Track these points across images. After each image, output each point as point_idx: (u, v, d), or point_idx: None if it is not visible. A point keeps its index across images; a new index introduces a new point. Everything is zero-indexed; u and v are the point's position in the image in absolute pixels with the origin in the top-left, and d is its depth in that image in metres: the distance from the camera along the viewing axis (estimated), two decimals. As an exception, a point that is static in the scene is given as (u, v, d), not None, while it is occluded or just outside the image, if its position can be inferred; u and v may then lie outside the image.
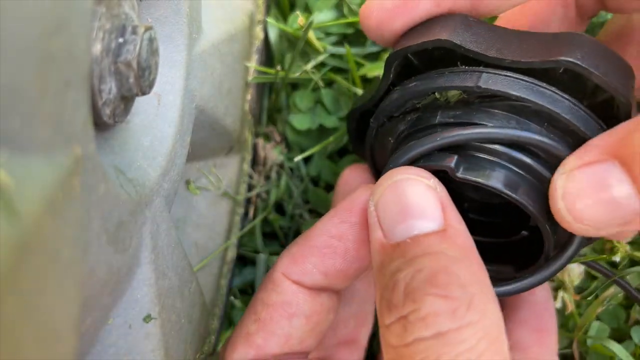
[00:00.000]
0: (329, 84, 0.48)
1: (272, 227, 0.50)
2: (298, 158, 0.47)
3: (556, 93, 0.29)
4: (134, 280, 0.31)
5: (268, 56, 0.50)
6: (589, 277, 0.44)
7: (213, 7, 0.41)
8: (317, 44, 0.45)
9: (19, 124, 0.19)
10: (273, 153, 0.49)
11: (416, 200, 0.28)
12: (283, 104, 0.50)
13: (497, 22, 0.39)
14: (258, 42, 0.47)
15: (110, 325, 0.30)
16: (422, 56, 0.33)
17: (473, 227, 0.35)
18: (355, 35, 0.47)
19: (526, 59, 0.29)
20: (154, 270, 0.32)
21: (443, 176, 0.31)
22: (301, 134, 0.48)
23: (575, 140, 0.29)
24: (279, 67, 0.46)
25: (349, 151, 0.48)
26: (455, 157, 0.30)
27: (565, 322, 0.45)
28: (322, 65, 0.47)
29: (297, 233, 0.50)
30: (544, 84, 0.29)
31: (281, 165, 0.49)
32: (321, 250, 0.33)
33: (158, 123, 0.34)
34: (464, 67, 0.31)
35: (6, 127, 0.19)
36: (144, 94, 0.30)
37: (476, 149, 0.30)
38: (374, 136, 0.36)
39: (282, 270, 0.33)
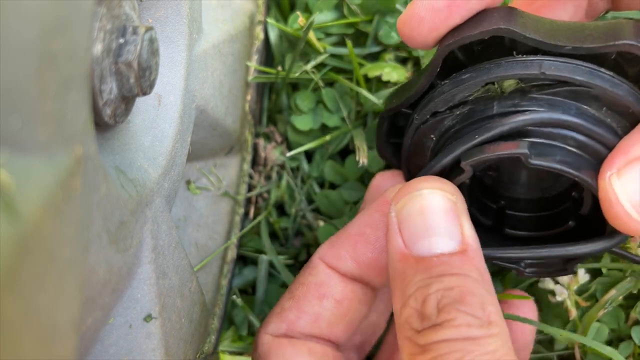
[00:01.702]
0: (330, 84, 0.48)
1: (272, 227, 0.50)
2: (292, 152, 0.47)
3: (614, 77, 0.30)
4: (135, 279, 0.31)
5: (268, 56, 0.50)
6: (591, 279, 0.44)
7: (213, 7, 0.41)
8: (317, 44, 0.46)
9: (20, 124, 0.19)
10: (273, 153, 0.49)
11: (440, 218, 0.30)
12: (284, 104, 0.50)
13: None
14: (258, 43, 0.47)
15: (111, 325, 0.30)
16: (467, 50, 0.33)
17: (513, 224, 0.35)
18: (355, 35, 0.47)
19: (586, 44, 0.29)
20: (155, 269, 0.32)
21: (476, 176, 0.31)
22: (303, 135, 0.48)
23: (632, 122, 0.30)
24: (279, 68, 0.46)
25: (352, 151, 0.48)
26: (527, 142, 0.30)
27: (566, 323, 0.45)
28: (322, 65, 0.47)
29: (299, 233, 0.50)
30: (602, 69, 0.30)
31: (282, 166, 0.49)
32: (354, 237, 0.34)
33: (159, 123, 0.34)
34: (521, 55, 0.31)
35: (7, 127, 0.19)
36: (144, 94, 0.30)
37: (539, 135, 0.30)
38: (412, 136, 0.35)
39: (320, 255, 0.35)
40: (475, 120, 0.32)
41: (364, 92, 0.46)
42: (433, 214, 0.30)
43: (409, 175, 0.37)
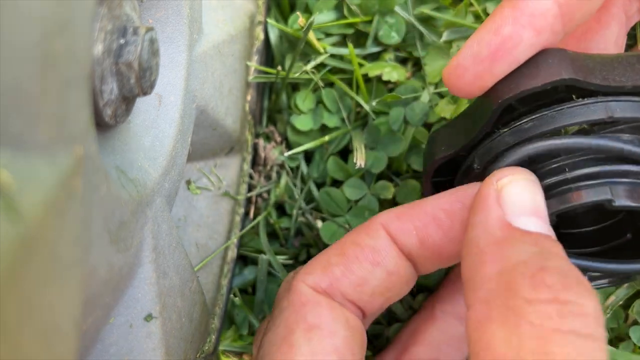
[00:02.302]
0: (330, 84, 0.48)
1: (272, 227, 0.50)
2: (291, 152, 0.47)
3: None
4: (135, 279, 0.31)
5: (268, 57, 0.50)
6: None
7: (214, 8, 0.41)
8: (317, 44, 0.46)
9: (21, 124, 0.19)
10: (273, 153, 0.49)
11: (543, 206, 0.30)
12: (283, 104, 0.50)
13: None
14: (258, 43, 0.47)
15: (112, 325, 0.30)
16: (524, 98, 0.32)
17: (567, 240, 0.34)
18: (355, 36, 0.47)
19: None
20: (155, 269, 0.32)
21: None
22: (302, 135, 0.48)
23: None
24: (279, 68, 0.46)
25: (352, 151, 0.48)
26: (608, 187, 0.30)
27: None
28: (322, 65, 0.47)
29: (299, 233, 0.50)
30: None
31: (281, 165, 0.49)
32: (428, 217, 0.33)
33: (159, 123, 0.34)
34: (581, 99, 0.30)
35: (8, 127, 0.19)
36: (145, 94, 0.30)
37: (612, 175, 0.30)
38: (463, 181, 0.35)
39: (382, 221, 0.33)
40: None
41: (359, 99, 0.46)
42: (540, 200, 0.30)
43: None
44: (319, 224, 0.48)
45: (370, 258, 0.33)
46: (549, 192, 0.31)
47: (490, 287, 0.27)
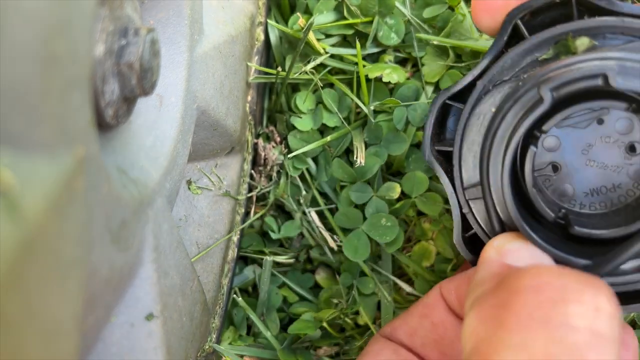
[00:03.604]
0: (330, 84, 0.48)
1: (272, 227, 0.50)
2: (293, 154, 0.47)
3: None
4: (136, 278, 0.31)
5: (268, 58, 0.50)
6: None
7: (214, 9, 0.42)
8: (317, 45, 0.46)
9: (22, 124, 0.20)
10: (273, 153, 0.49)
11: None
12: (283, 104, 0.50)
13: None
14: (259, 44, 0.48)
15: (113, 324, 0.30)
16: (534, 27, 0.33)
17: (581, 221, 0.34)
18: (355, 36, 0.47)
19: None
20: (156, 269, 0.32)
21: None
22: (303, 136, 0.48)
23: None
24: (279, 68, 0.46)
25: (352, 151, 0.48)
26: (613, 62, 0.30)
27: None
28: (322, 66, 0.47)
29: (300, 234, 0.50)
30: None
31: (282, 165, 0.49)
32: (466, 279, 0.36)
33: (160, 124, 0.34)
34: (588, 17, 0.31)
35: (10, 127, 0.19)
36: (146, 95, 0.30)
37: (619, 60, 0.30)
38: (472, 107, 0.34)
39: (440, 284, 0.38)
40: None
41: (357, 100, 0.46)
42: None
43: (459, 151, 0.35)
44: (321, 227, 0.48)
45: (420, 311, 0.37)
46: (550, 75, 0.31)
47: (485, 298, 0.30)
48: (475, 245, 0.37)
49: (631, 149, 0.34)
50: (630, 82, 0.28)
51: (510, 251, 0.32)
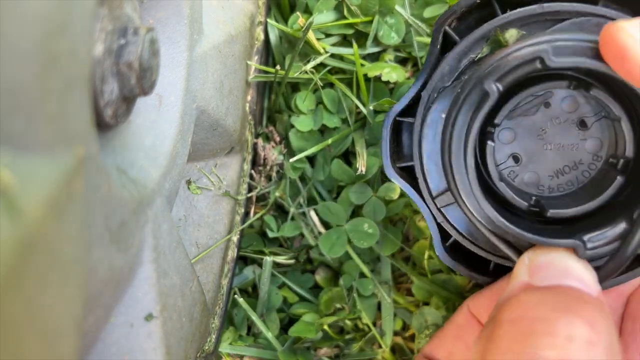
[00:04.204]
0: (330, 84, 0.48)
1: (272, 227, 0.50)
2: (296, 158, 0.47)
3: None
4: (136, 279, 0.31)
5: (268, 57, 0.50)
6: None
7: (214, 8, 0.42)
8: (317, 44, 0.46)
9: (22, 124, 0.20)
10: (272, 153, 0.49)
11: None
12: (283, 104, 0.50)
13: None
14: (258, 43, 0.48)
15: (112, 324, 0.30)
16: (460, 26, 0.35)
17: (553, 204, 0.35)
18: (355, 36, 0.47)
19: None
20: (156, 269, 0.32)
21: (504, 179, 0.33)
22: (303, 136, 0.48)
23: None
24: (278, 67, 0.46)
25: (353, 153, 0.48)
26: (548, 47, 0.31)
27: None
28: (322, 65, 0.47)
29: (300, 234, 0.50)
30: None
31: (281, 165, 0.49)
32: (495, 296, 0.36)
33: (159, 123, 0.34)
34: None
35: (10, 127, 0.19)
36: (145, 94, 0.30)
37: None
38: (422, 117, 0.35)
39: (468, 302, 0.38)
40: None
41: (356, 101, 0.46)
42: None
43: (420, 163, 0.36)
44: (320, 226, 0.48)
45: (453, 333, 0.37)
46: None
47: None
48: (459, 251, 0.37)
49: (582, 124, 0.35)
50: (564, 59, 0.29)
51: (537, 269, 0.31)
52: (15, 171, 0.19)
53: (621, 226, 0.31)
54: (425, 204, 0.36)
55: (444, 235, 0.37)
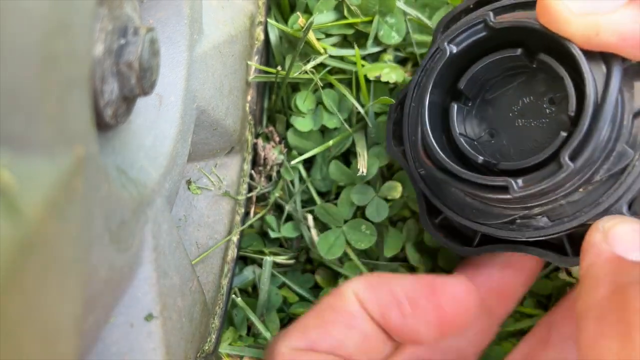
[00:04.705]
0: (330, 84, 0.48)
1: (273, 227, 0.50)
2: (296, 160, 0.47)
3: None
4: (136, 279, 0.31)
5: (268, 57, 0.50)
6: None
7: (214, 8, 0.42)
8: (317, 44, 0.46)
9: (22, 124, 0.20)
10: (272, 153, 0.49)
11: None
12: (283, 104, 0.50)
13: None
14: (258, 44, 0.48)
15: (112, 324, 0.30)
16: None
17: (503, 155, 0.37)
18: (355, 36, 0.47)
19: None
20: (156, 269, 0.32)
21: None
22: (303, 136, 0.48)
23: None
24: (279, 68, 0.46)
25: (353, 153, 0.48)
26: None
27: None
28: (322, 65, 0.47)
29: (300, 235, 0.50)
30: None
31: (281, 165, 0.49)
32: (392, 299, 0.35)
33: (160, 123, 0.34)
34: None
35: (9, 127, 0.19)
36: (145, 94, 0.30)
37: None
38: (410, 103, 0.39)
39: (353, 288, 0.35)
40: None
41: (355, 102, 0.46)
42: None
43: (408, 134, 0.39)
44: (313, 228, 0.48)
45: (346, 322, 0.35)
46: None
47: (603, 306, 0.28)
48: (448, 229, 0.39)
49: (550, 101, 0.37)
50: (504, 21, 0.34)
51: (619, 237, 0.31)
52: (15, 171, 0.19)
53: (550, 168, 0.32)
54: (414, 179, 0.39)
55: (434, 211, 0.39)
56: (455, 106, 0.37)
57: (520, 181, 0.32)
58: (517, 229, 0.36)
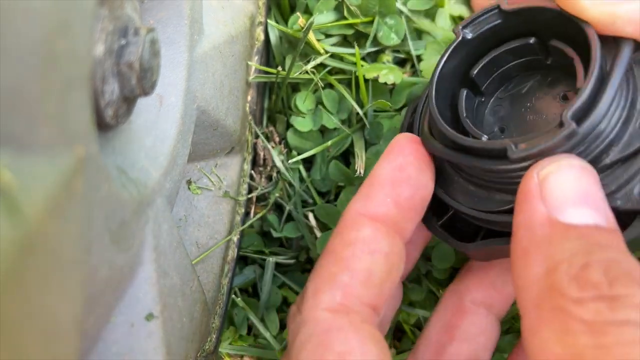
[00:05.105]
0: (330, 85, 0.48)
1: (273, 227, 0.50)
2: (295, 159, 0.47)
3: None
4: (136, 279, 0.31)
5: (268, 57, 0.50)
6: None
7: (214, 8, 0.42)
8: (317, 45, 0.46)
9: (22, 124, 0.20)
10: (272, 153, 0.49)
11: (595, 192, 0.28)
12: (283, 104, 0.50)
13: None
14: (259, 44, 0.48)
15: (113, 324, 0.30)
16: None
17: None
18: (355, 36, 0.47)
19: None
20: (156, 269, 0.32)
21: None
22: (302, 136, 0.48)
23: None
24: (279, 68, 0.46)
25: (353, 153, 0.48)
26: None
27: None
28: (322, 66, 0.47)
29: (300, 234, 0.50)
30: None
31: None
32: (388, 181, 0.34)
33: (160, 124, 0.35)
34: None
35: (10, 127, 0.19)
36: (146, 95, 0.30)
37: None
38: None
39: (358, 209, 0.34)
40: None
41: (354, 103, 0.46)
42: (589, 186, 0.28)
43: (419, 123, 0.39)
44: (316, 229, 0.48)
45: (367, 249, 0.33)
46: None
47: (538, 290, 0.26)
48: (454, 228, 0.39)
49: (563, 97, 0.36)
50: (517, 5, 0.34)
51: (555, 190, 0.28)
52: (15, 171, 0.19)
53: (552, 130, 0.31)
54: None
55: (438, 212, 0.39)
56: (465, 92, 0.37)
57: (520, 144, 0.30)
58: None
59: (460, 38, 0.36)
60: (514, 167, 0.31)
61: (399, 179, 0.34)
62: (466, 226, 0.38)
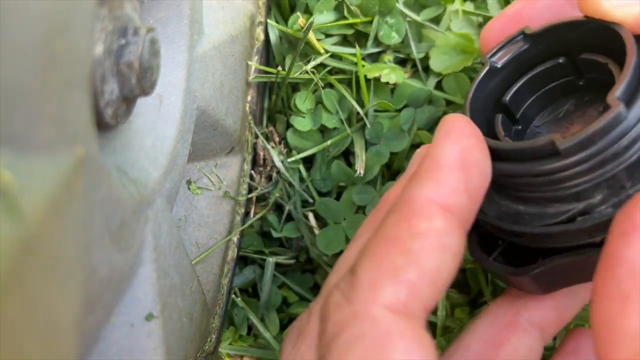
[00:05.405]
0: (330, 84, 0.48)
1: (273, 227, 0.50)
2: (293, 158, 0.47)
3: None
4: (136, 279, 0.31)
5: (268, 57, 0.50)
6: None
7: (214, 8, 0.42)
8: (317, 44, 0.46)
9: (22, 124, 0.20)
10: (272, 153, 0.49)
11: None
12: (283, 104, 0.50)
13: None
14: (259, 44, 0.48)
15: (112, 324, 0.30)
16: None
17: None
18: (355, 36, 0.47)
19: None
20: (156, 269, 0.32)
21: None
22: (302, 136, 0.48)
23: None
24: (279, 68, 0.46)
25: (352, 153, 0.48)
26: None
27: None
28: (322, 65, 0.47)
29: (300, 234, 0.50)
30: None
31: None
32: (457, 165, 0.29)
33: (160, 123, 0.35)
34: None
35: (10, 127, 0.19)
36: (146, 94, 0.30)
37: None
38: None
39: (430, 196, 0.28)
40: None
41: (354, 103, 0.46)
42: None
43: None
44: (315, 227, 0.48)
45: (438, 244, 0.27)
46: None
47: (636, 348, 0.23)
48: (503, 259, 0.35)
49: (604, 110, 0.35)
50: (542, 26, 0.34)
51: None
52: (15, 171, 0.19)
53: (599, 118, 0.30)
54: None
55: (487, 246, 0.35)
56: (500, 116, 0.35)
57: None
58: (580, 228, 0.30)
59: (488, 67, 0.35)
60: (565, 164, 0.28)
61: (469, 163, 0.29)
62: (518, 257, 0.34)
